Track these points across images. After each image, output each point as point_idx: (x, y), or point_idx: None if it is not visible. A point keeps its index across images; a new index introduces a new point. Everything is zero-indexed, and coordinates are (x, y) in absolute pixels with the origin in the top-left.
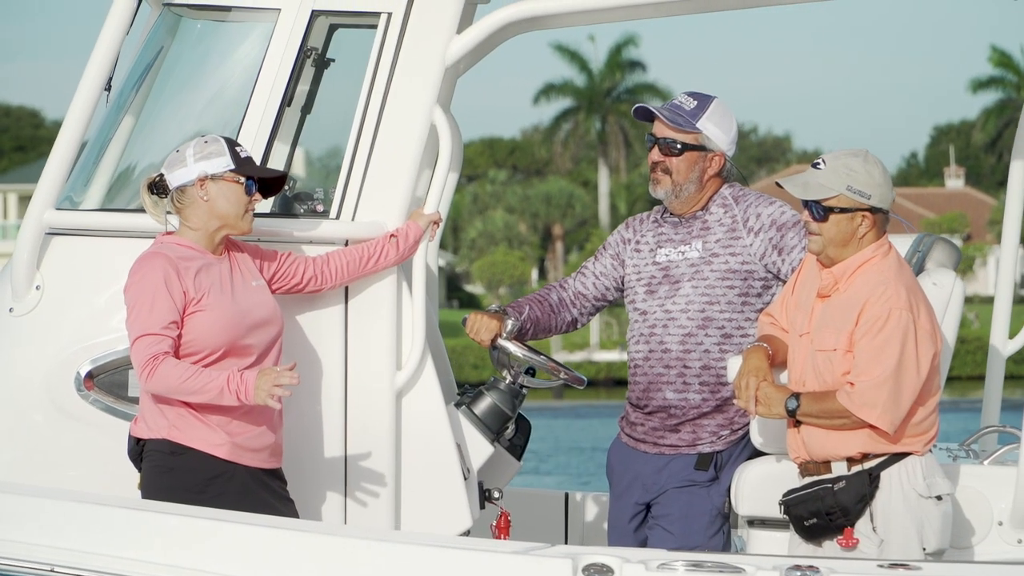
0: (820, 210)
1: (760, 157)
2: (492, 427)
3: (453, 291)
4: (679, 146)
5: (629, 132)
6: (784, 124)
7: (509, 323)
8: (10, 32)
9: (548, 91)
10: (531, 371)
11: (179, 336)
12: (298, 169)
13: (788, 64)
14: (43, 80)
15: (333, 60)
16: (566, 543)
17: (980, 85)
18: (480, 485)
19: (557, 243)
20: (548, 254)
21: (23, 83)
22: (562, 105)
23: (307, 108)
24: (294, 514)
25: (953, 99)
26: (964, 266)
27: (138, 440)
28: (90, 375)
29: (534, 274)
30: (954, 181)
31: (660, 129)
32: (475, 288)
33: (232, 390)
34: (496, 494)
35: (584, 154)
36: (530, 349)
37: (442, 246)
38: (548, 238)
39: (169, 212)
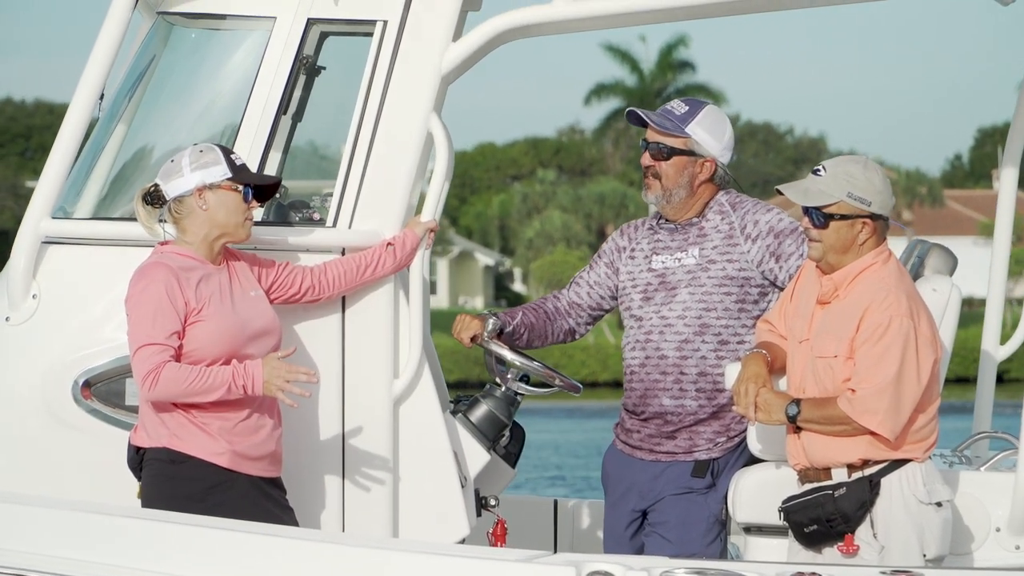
0: (820, 217)
1: (797, 158)
2: (488, 435)
3: (501, 291)
4: (667, 151)
5: None
6: (819, 125)
7: (490, 323)
8: (52, 30)
9: (599, 91)
10: (525, 378)
11: (180, 346)
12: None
13: (823, 63)
14: None
15: (324, 68)
16: (555, 550)
17: None
18: (476, 493)
19: None
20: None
21: (66, 80)
22: (612, 105)
23: (298, 116)
24: (294, 523)
25: (997, 101)
26: (1018, 269)
27: (138, 449)
28: (87, 384)
29: None
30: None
31: (651, 134)
32: (521, 287)
33: (239, 385)
34: (492, 502)
35: (627, 154)
36: (518, 352)
37: (488, 245)
38: (601, 238)
39: (163, 221)
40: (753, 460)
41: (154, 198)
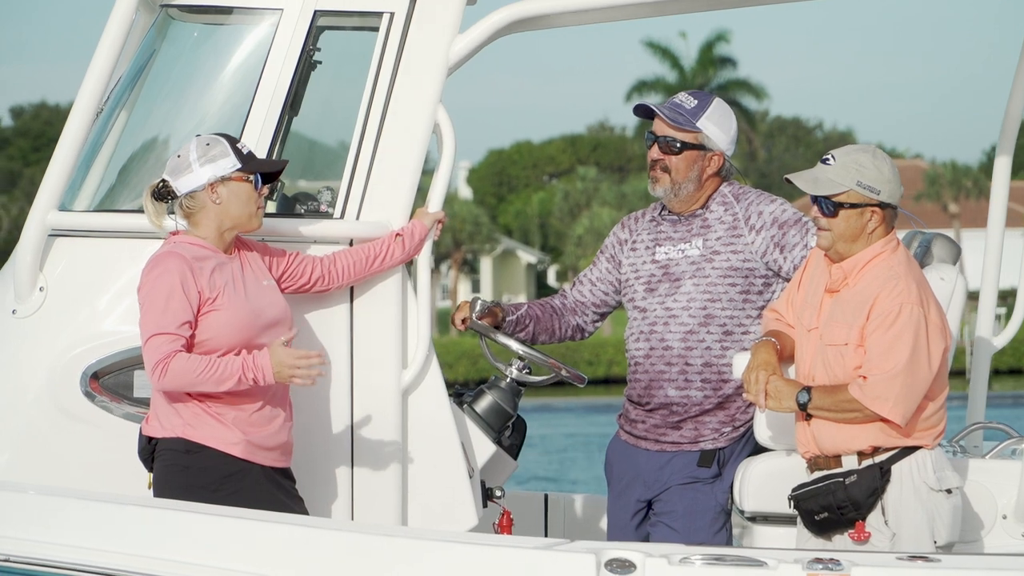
0: (830, 206)
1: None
2: (494, 426)
3: (542, 288)
4: (678, 144)
5: None
6: (847, 118)
7: (478, 304)
8: (85, 33)
9: (641, 88)
10: (528, 369)
11: (192, 336)
12: None
13: (850, 56)
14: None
15: (320, 62)
16: None
17: None
18: (483, 484)
19: None
20: None
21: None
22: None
23: (294, 109)
24: (305, 512)
25: None
26: None
27: (150, 439)
28: (95, 376)
29: None
30: None
31: (660, 127)
32: (557, 285)
33: (249, 379)
34: (498, 492)
35: None
36: (507, 334)
37: (529, 243)
38: None
39: (172, 214)
40: (758, 450)
41: (163, 194)
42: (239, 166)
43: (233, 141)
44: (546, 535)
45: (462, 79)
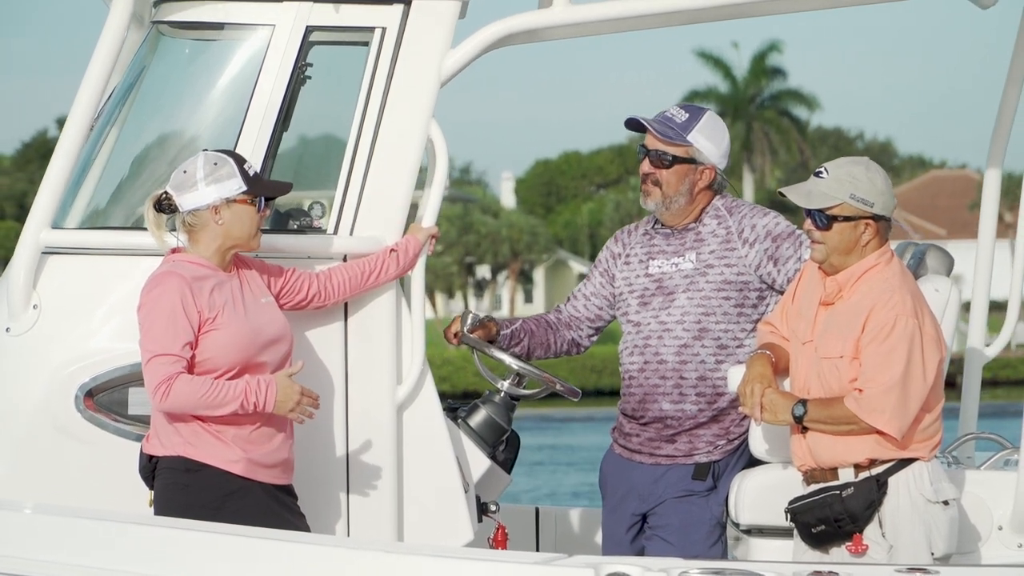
0: (823, 219)
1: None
2: (489, 440)
3: None
4: (669, 158)
5: (774, 139)
6: (887, 129)
7: (469, 317)
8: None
9: (693, 98)
10: (520, 383)
11: (193, 356)
12: None
13: (888, 65)
14: None
15: (310, 77)
16: None
17: None
18: (477, 498)
19: None
20: None
21: None
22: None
23: (284, 124)
24: (307, 529)
25: None
26: None
27: (151, 457)
28: (90, 393)
29: None
30: None
31: (651, 141)
32: None
33: (251, 402)
34: (493, 507)
35: None
36: (500, 348)
37: (578, 253)
38: None
39: (172, 231)
40: (753, 462)
41: (165, 206)
42: (244, 189)
43: (240, 161)
44: (537, 549)
45: (507, 89)
